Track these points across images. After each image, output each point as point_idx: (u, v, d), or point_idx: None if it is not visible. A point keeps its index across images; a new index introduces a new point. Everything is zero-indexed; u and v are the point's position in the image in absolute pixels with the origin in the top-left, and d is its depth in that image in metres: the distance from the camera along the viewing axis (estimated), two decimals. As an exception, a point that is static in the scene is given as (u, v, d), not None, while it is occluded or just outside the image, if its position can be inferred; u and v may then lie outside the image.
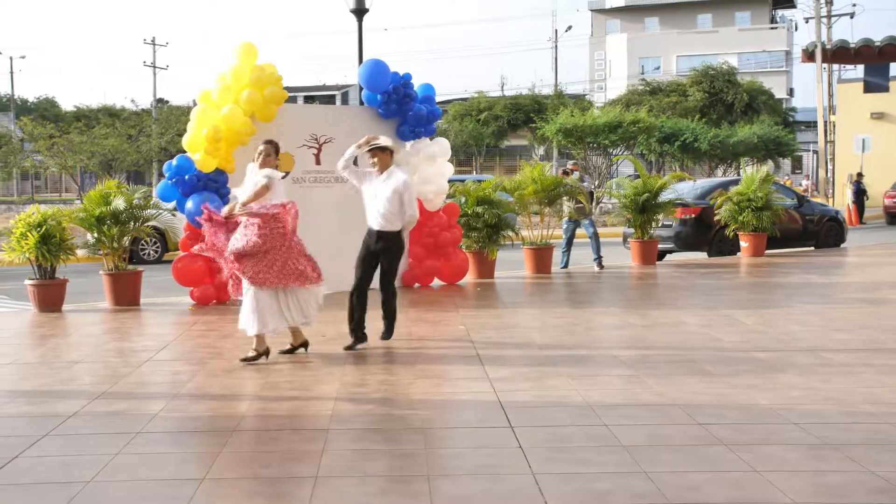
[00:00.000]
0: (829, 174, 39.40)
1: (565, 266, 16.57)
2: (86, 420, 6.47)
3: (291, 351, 8.69)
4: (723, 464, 5.25)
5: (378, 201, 8.78)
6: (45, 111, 64.34)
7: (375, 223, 8.85)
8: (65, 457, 5.65)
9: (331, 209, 13.30)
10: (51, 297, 12.09)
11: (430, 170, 13.81)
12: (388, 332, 9.24)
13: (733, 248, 18.81)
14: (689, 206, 18.63)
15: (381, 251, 8.89)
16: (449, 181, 14.45)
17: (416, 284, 14.03)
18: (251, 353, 8.29)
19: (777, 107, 50.97)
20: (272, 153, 8.61)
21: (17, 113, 64.02)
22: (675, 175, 19.12)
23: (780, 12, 74.68)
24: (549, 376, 7.63)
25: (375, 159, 8.83)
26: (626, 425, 6.05)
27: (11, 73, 72.53)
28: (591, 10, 77.62)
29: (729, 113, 46.50)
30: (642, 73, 65.24)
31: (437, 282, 14.29)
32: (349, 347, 8.85)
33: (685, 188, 19.45)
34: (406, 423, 6.23)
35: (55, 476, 5.27)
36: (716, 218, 18.43)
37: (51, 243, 11.89)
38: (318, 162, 13.38)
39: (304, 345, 8.73)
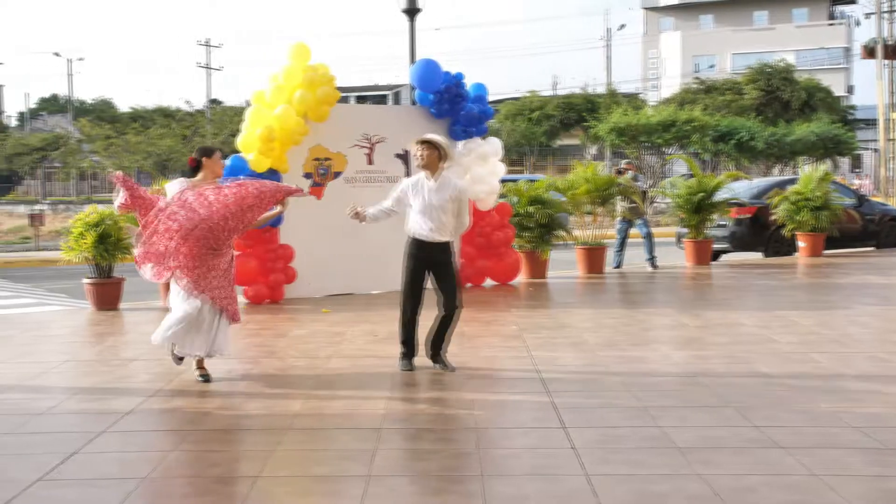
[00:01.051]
0: (891, 172, 38.70)
1: (618, 266, 16.46)
2: (142, 417, 6.54)
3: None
4: (780, 467, 5.16)
5: (430, 211, 7.72)
6: (102, 112, 65.30)
7: (425, 234, 7.76)
8: (121, 453, 5.72)
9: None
10: (108, 295, 12.25)
11: (482, 169, 13.78)
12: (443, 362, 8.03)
13: (790, 248, 18.55)
14: (745, 205, 18.41)
15: (437, 264, 7.84)
16: (501, 181, 14.40)
17: (468, 284, 14.01)
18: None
19: (835, 104, 50.21)
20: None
21: (75, 114, 65.07)
22: (730, 174, 18.90)
23: (838, 8, 73.59)
24: (602, 376, 7.57)
25: (423, 153, 7.77)
26: (680, 427, 5.99)
27: (69, 75, 73.76)
28: (645, 8, 77.08)
29: (785, 111, 45.89)
30: (696, 72, 64.66)
31: (489, 282, 14.27)
32: (407, 367, 7.95)
33: (740, 187, 19.21)
34: (459, 423, 6.22)
35: (112, 472, 5.33)
36: (772, 217, 18.19)
37: (108, 242, 12.05)
38: (370, 162, 13.43)
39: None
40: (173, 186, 7.64)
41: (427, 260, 7.82)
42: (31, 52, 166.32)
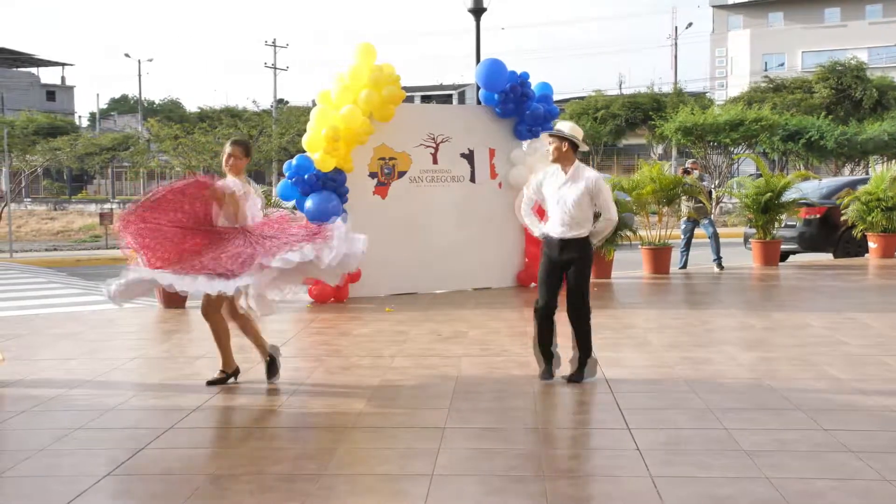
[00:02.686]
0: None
1: (684, 266, 16.30)
2: (208, 414, 6.63)
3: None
4: (850, 472, 5.06)
5: (563, 206, 7.31)
6: (171, 112, 66.34)
7: (557, 231, 7.36)
8: (189, 449, 5.80)
9: (447, 208, 13.38)
10: (175, 294, 12.35)
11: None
12: (578, 372, 7.50)
13: (861, 249, 18.21)
14: (814, 205, 18.11)
15: (567, 262, 7.36)
16: (566, 180, 14.34)
17: (532, 284, 13.97)
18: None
19: (909, 103, 49.05)
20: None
21: (144, 114, 66.16)
22: (799, 174, 18.60)
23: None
24: (666, 378, 7.50)
25: (553, 146, 7.33)
26: (746, 429, 5.90)
27: (139, 75, 74.98)
28: (713, 6, 76.14)
29: (857, 110, 44.95)
30: (765, 70, 63.72)
31: (553, 281, 14.20)
32: (545, 375, 7.53)
33: (810, 187, 18.90)
34: (523, 423, 6.20)
35: (180, 468, 5.41)
36: (842, 218, 17.87)
37: (176, 241, 12.19)
38: (434, 161, 13.45)
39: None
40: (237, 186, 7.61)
41: (560, 259, 7.35)
42: (103, 53, 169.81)
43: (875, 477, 4.97)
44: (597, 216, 7.42)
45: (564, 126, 7.42)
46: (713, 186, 18.39)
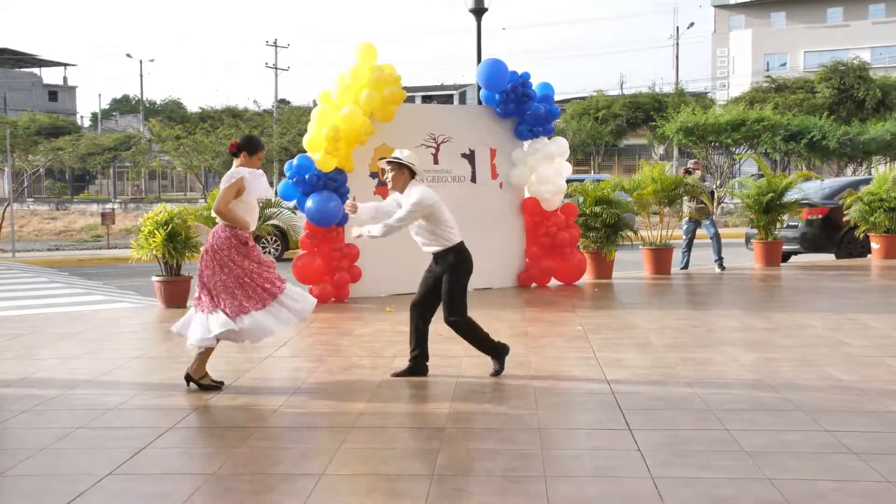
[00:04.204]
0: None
1: (685, 267, 16.29)
2: (209, 414, 6.63)
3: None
4: (852, 473, 5.06)
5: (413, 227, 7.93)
6: (172, 112, 66.36)
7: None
8: (189, 449, 5.80)
9: (448, 208, 13.33)
10: (176, 293, 12.43)
11: (547, 169, 13.75)
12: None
13: (863, 249, 18.20)
14: (816, 206, 18.10)
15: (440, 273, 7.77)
16: (567, 181, 14.36)
17: (533, 284, 13.97)
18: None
19: (913, 103, 49.00)
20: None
21: (145, 115, 66.19)
22: (801, 174, 18.59)
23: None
24: (668, 378, 7.49)
25: (393, 173, 7.73)
26: (748, 430, 5.90)
27: (141, 76, 75.24)
28: (715, 6, 76.12)
29: (859, 110, 44.92)
30: (767, 70, 63.67)
31: (554, 282, 14.21)
32: (401, 373, 7.85)
33: (812, 188, 18.89)
34: (523, 423, 6.19)
35: (181, 467, 5.41)
36: (845, 218, 17.86)
37: (176, 241, 12.21)
38: (435, 161, 13.45)
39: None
40: (259, 180, 7.52)
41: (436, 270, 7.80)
42: (104, 53, 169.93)
43: (877, 478, 4.96)
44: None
45: (402, 153, 7.73)
46: (714, 187, 18.35)
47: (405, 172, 7.67)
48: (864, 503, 4.63)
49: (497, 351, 7.81)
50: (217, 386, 7.36)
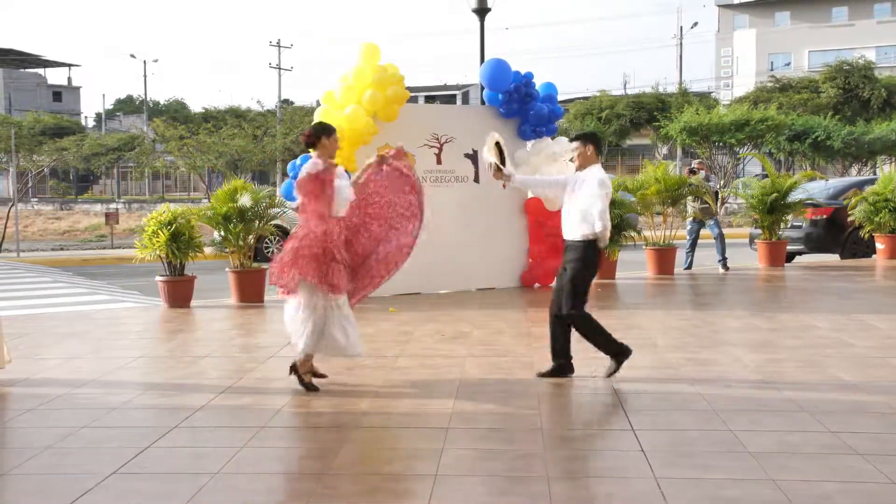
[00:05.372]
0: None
1: (689, 267, 16.27)
2: (213, 413, 6.62)
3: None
4: (857, 474, 5.04)
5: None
6: (176, 113, 66.38)
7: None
8: (193, 448, 5.80)
9: (451, 208, 13.36)
10: (180, 293, 12.43)
11: (551, 169, 13.72)
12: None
13: (868, 250, 18.16)
14: (821, 206, 18.06)
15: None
16: (571, 181, 14.33)
17: (536, 284, 13.96)
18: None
19: (919, 102, 48.89)
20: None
21: (149, 115, 66.24)
22: (805, 174, 18.57)
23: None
24: (671, 379, 7.48)
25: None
26: (752, 431, 5.89)
27: (145, 76, 75.13)
28: (718, 6, 76.03)
29: (864, 110, 44.81)
30: (772, 70, 63.57)
31: (558, 282, 14.18)
32: (547, 374, 7.62)
33: (816, 188, 18.86)
34: (527, 424, 6.18)
35: (185, 466, 5.41)
36: (849, 219, 17.82)
37: (180, 241, 12.21)
38: (438, 161, 13.45)
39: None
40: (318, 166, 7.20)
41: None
42: (108, 54, 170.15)
43: (882, 479, 4.95)
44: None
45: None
46: (718, 187, 18.33)
47: (591, 149, 7.50)
48: (869, 504, 4.62)
49: (617, 351, 7.54)
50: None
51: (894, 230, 17.59)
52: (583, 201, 7.39)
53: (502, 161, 7.68)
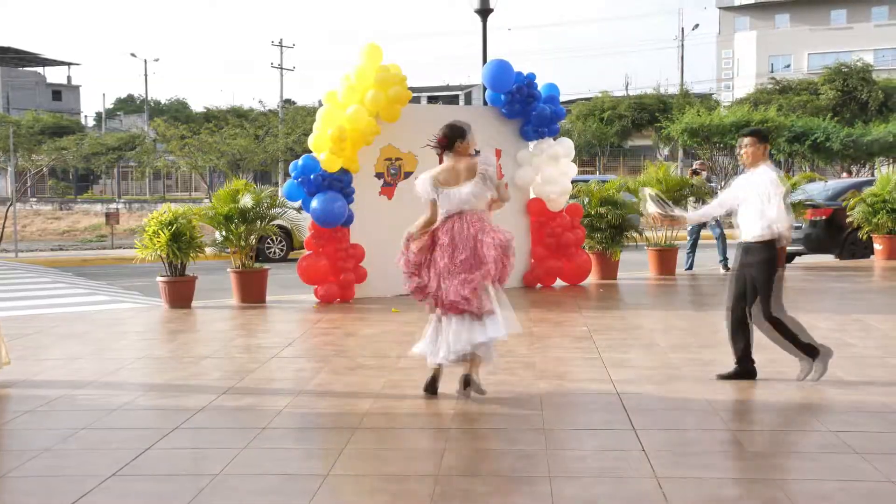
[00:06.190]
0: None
1: (690, 268, 16.27)
2: (214, 414, 6.62)
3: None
4: (856, 473, 5.05)
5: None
6: (177, 112, 66.37)
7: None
8: (194, 449, 5.80)
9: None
10: (181, 293, 12.42)
11: (553, 170, 13.75)
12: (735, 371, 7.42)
13: (866, 250, 18.17)
14: (820, 207, 18.07)
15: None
16: (572, 181, 14.35)
17: (539, 285, 13.96)
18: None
19: (916, 105, 48.94)
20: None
21: (150, 114, 66.22)
22: (804, 175, 18.58)
23: (919, 6, 71.79)
24: (673, 379, 7.49)
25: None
26: (752, 430, 5.90)
27: (146, 75, 75.00)
28: (719, 8, 76.10)
29: (863, 112, 44.85)
30: (772, 72, 63.58)
31: (559, 282, 14.20)
32: (727, 376, 7.41)
33: (815, 189, 18.87)
34: (528, 424, 6.19)
35: (185, 468, 5.41)
36: (848, 220, 17.83)
37: (181, 241, 12.20)
38: (441, 162, 13.37)
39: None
40: (424, 185, 7.32)
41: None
42: (109, 53, 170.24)
43: (881, 478, 4.96)
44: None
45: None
46: (719, 188, 18.33)
47: (763, 148, 7.41)
48: (869, 503, 4.63)
49: (820, 354, 7.38)
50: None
51: (892, 231, 17.60)
52: (758, 201, 7.31)
53: (665, 207, 7.71)
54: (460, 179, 7.06)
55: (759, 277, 7.32)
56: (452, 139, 7.23)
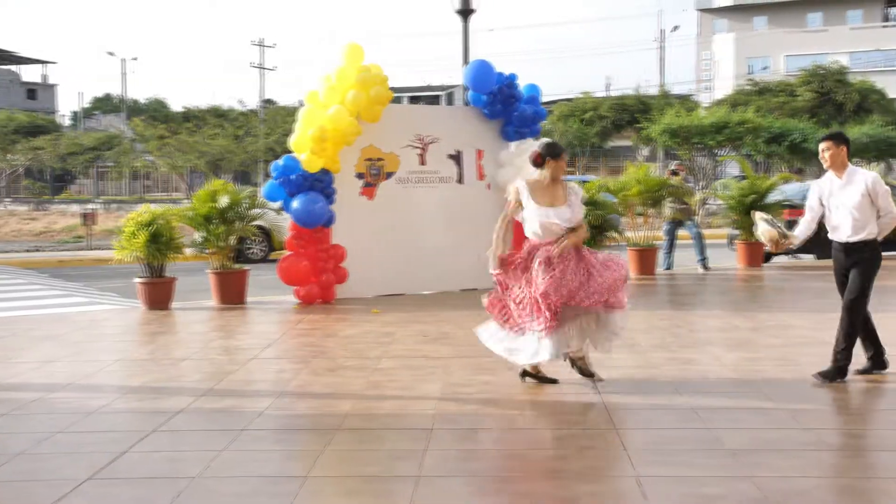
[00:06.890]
0: (948, 175, 37.95)
1: (668, 268, 16.32)
2: (193, 416, 6.58)
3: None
4: (833, 470, 5.09)
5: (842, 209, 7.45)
6: (156, 112, 65.97)
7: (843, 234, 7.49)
8: (172, 452, 5.76)
9: (435, 209, 13.36)
10: (159, 294, 12.34)
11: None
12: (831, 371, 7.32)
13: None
14: (798, 207, 18.15)
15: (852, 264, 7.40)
16: (552, 182, 14.35)
17: (518, 285, 13.94)
18: None
19: (890, 107, 49.22)
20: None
21: (128, 114, 65.88)
22: (782, 176, 18.68)
23: (893, 10, 72.40)
24: (653, 379, 7.50)
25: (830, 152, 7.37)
26: (731, 429, 5.91)
27: (123, 74, 74.60)
28: (699, 10, 76.48)
29: (839, 113, 45.17)
30: (750, 73, 63.92)
31: (538, 283, 14.19)
32: (863, 371, 7.49)
33: (793, 189, 18.96)
34: (510, 424, 6.19)
35: (163, 471, 5.37)
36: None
37: (160, 242, 12.12)
38: (422, 162, 13.43)
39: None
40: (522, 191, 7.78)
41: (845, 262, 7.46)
42: (86, 51, 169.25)
43: (858, 475, 4.98)
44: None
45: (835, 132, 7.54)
46: (699, 189, 18.44)
47: (844, 150, 7.34)
48: (845, 500, 4.65)
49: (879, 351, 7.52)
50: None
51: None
52: (852, 203, 7.32)
53: (779, 229, 7.91)
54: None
55: (867, 272, 7.27)
56: (544, 157, 7.71)
